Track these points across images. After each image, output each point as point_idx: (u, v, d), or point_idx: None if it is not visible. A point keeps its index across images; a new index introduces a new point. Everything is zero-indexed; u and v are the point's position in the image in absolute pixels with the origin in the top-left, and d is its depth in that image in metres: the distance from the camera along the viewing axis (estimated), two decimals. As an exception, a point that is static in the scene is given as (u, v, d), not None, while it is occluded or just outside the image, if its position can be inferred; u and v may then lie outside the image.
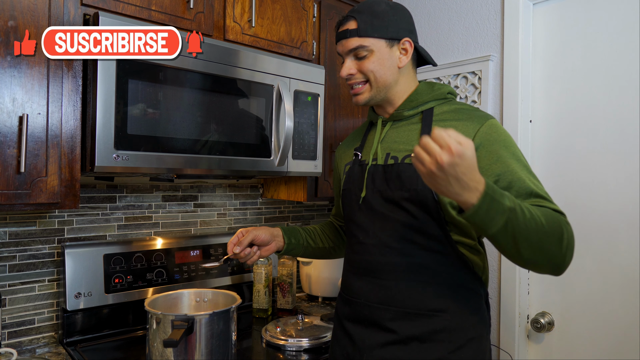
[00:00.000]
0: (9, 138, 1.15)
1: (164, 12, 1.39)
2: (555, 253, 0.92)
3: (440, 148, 0.79)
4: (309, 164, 1.68)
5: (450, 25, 1.98)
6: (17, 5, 1.16)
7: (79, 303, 1.50)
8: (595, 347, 1.57)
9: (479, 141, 1.02)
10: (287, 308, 1.91)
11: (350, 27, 1.11)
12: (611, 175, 1.55)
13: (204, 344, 1.24)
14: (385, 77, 1.12)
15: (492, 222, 0.86)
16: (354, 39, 1.10)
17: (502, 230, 0.87)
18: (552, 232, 0.91)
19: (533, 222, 0.88)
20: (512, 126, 1.73)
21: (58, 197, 1.23)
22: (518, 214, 0.87)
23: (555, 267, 0.94)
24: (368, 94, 1.14)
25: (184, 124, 1.35)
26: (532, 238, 0.88)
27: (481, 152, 1.01)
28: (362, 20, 1.10)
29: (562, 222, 0.94)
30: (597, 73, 1.59)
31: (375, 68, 1.11)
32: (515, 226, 0.87)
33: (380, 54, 1.11)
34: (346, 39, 1.12)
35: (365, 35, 1.10)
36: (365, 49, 1.10)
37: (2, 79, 1.14)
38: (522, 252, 0.90)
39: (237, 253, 1.22)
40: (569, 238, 0.93)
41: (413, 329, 1.06)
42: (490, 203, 0.84)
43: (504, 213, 0.86)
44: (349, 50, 1.12)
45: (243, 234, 1.24)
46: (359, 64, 1.12)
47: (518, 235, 0.88)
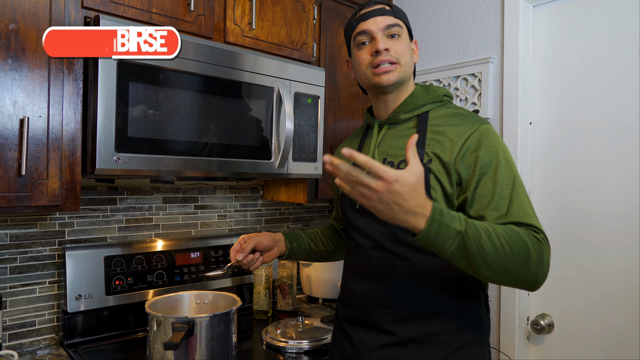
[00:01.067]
0: (10, 141, 1.15)
1: (164, 15, 1.40)
2: (522, 274, 0.91)
3: (374, 176, 0.78)
4: (309, 166, 1.68)
5: (450, 27, 1.98)
6: (18, 8, 1.16)
7: (80, 305, 1.50)
8: (595, 349, 1.57)
9: (469, 145, 1.03)
10: (287, 310, 1.91)
11: (385, 7, 1.14)
12: (611, 178, 1.55)
13: (204, 346, 1.24)
14: (410, 63, 1.15)
15: (443, 245, 0.86)
16: (391, 17, 1.12)
17: (456, 253, 0.87)
18: (516, 253, 0.89)
19: (491, 245, 0.87)
20: (512, 128, 1.74)
21: (59, 200, 1.23)
22: (471, 237, 0.86)
23: (527, 285, 0.94)
24: (398, 74, 1.11)
25: (184, 126, 1.36)
26: (490, 260, 0.87)
27: (470, 156, 1.02)
28: (393, 5, 1.15)
29: (530, 242, 0.91)
30: (597, 75, 1.59)
31: (407, 49, 1.13)
32: (469, 249, 0.86)
33: (407, 40, 1.15)
34: (383, 15, 1.12)
35: (400, 18, 1.13)
36: (400, 29, 1.12)
37: (3, 82, 1.14)
38: (482, 273, 0.89)
39: (240, 260, 1.21)
40: (539, 258, 0.91)
41: (412, 331, 1.06)
42: (439, 228, 0.84)
43: (455, 237, 0.85)
44: (386, 26, 1.11)
45: (245, 241, 1.24)
46: (393, 43, 1.11)
47: (474, 258, 0.87)
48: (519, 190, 1.00)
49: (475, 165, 1.01)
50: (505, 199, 0.98)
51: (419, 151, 1.06)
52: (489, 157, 1.01)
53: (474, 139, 1.03)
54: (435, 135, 1.07)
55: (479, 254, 0.87)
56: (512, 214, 0.96)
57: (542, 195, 1.72)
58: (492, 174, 1.00)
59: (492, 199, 0.98)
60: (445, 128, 1.07)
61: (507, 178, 1.00)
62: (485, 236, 0.87)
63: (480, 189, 1.00)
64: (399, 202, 0.80)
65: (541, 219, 1.69)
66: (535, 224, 0.96)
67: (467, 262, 0.88)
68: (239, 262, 1.22)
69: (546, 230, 1.67)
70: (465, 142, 1.03)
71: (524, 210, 0.97)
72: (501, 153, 1.02)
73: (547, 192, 1.71)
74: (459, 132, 1.05)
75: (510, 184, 1.00)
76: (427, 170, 1.04)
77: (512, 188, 0.99)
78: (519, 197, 0.99)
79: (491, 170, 1.00)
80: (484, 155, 1.01)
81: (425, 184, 1.03)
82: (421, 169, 0.81)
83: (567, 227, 1.65)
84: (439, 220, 0.84)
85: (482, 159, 1.01)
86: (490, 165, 1.01)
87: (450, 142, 1.04)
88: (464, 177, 1.02)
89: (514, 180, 1.00)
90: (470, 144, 1.03)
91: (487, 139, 1.03)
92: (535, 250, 0.91)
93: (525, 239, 0.91)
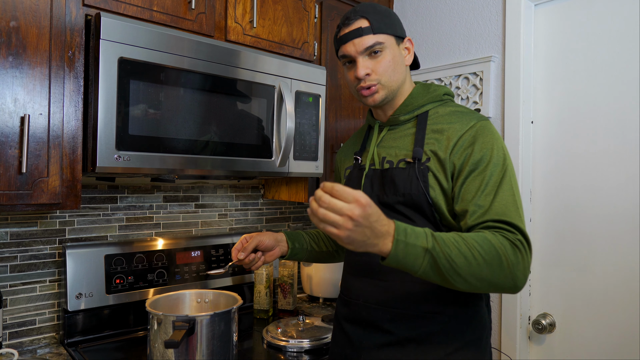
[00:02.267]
0: (11, 138, 1.15)
1: (165, 13, 1.39)
2: (498, 281, 0.90)
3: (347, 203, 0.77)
4: (310, 165, 1.68)
5: (451, 26, 1.98)
6: (19, 6, 1.16)
7: (80, 303, 1.50)
8: (596, 349, 1.57)
9: (463, 141, 1.03)
10: (288, 309, 1.91)
11: (362, 25, 1.09)
12: (612, 177, 1.55)
13: (205, 344, 1.23)
14: (397, 75, 1.12)
15: (414, 265, 0.85)
16: (369, 36, 1.09)
17: (428, 271, 0.87)
18: (489, 262, 0.88)
19: (462, 257, 0.86)
20: (514, 127, 1.73)
21: (59, 198, 1.23)
22: (439, 252, 0.86)
23: (507, 290, 0.93)
24: (383, 93, 1.11)
25: (185, 125, 1.35)
26: (464, 273, 0.87)
27: (463, 152, 1.02)
28: (373, 18, 1.10)
29: (502, 249, 0.90)
30: (599, 74, 1.59)
31: (390, 66, 1.10)
32: (440, 265, 0.86)
33: (392, 51, 1.11)
34: (361, 37, 1.09)
35: (380, 32, 1.09)
36: (381, 45, 1.09)
37: (3, 80, 1.14)
38: (458, 286, 0.89)
39: (242, 259, 1.21)
40: (513, 263, 0.90)
41: (410, 330, 1.06)
42: (405, 248, 0.84)
43: (423, 256, 0.85)
44: (365, 48, 1.09)
45: (247, 240, 1.23)
46: (374, 63, 1.10)
47: (447, 273, 0.87)
48: (505, 187, 0.98)
49: (466, 161, 1.01)
50: (489, 196, 0.97)
51: (417, 150, 1.06)
52: (481, 153, 1.01)
53: (469, 135, 1.03)
54: (434, 134, 1.07)
55: (451, 269, 0.86)
56: (492, 211, 0.96)
57: (543, 194, 1.72)
58: (482, 170, 1.00)
59: (476, 194, 0.98)
60: (444, 126, 1.07)
61: (495, 175, 0.99)
62: (455, 249, 0.87)
63: (467, 184, 1.00)
64: (372, 225, 0.79)
65: (542, 218, 1.71)
66: (515, 222, 0.95)
67: (440, 278, 0.88)
68: (241, 262, 1.22)
69: (547, 230, 1.69)
70: (461, 137, 1.03)
71: (505, 208, 0.96)
72: (495, 150, 1.01)
73: (549, 191, 1.71)
74: (456, 129, 1.05)
75: (497, 181, 0.99)
76: (425, 169, 1.05)
77: (499, 185, 0.98)
78: (504, 194, 0.97)
79: (481, 167, 1.00)
80: (476, 152, 1.01)
81: (424, 182, 1.03)
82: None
83: (568, 226, 1.65)
84: (403, 241, 0.84)
85: (474, 155, 1.01)
86: (481, 162, 1.00)
87: (447, 139, 1.04)
88: (456, 171, 1.02)
89: (503, 177, 0.99)
90: (465, 139, 1.03)
91: (482, 135, 1.03)
92: (508, 256, 0.90)
93: (496, 246, 0.90)
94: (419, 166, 1.05)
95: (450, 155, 1.03)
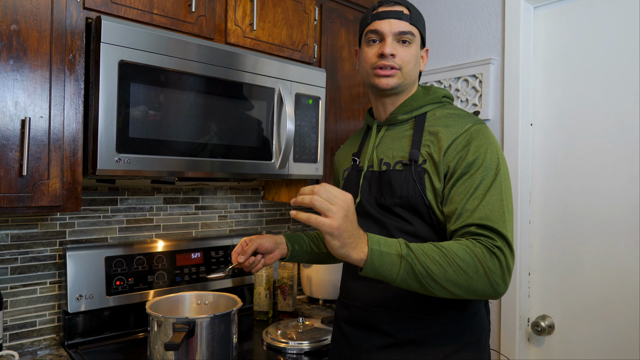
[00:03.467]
0: (12, 141, 1.16)
1: (165, 16, 1.40)
2: (477, 287, 0.92)
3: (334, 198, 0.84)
4: (309, 167, 1.68)
5: (451, 29, 1.98)
6: (20, 9, 1.16)
7: (80, 305, 1.51)
8: (595, 350, 1.57)
9: (457, 144, 1.03)
10: (287, 310, 1.91)
11: (404, 11, 1.12)
12: (612, 179, 1.55)
13: (205, 346, 1.24)
14: (414, 72, 1.14)
15: (391, 273, 0.89)
16: (407, 23, 1.10)
17: (406, 278, 0.89)
18: (464, 269, 0.90)
19: (436, 264, 0.89)
20: (513, 130, 1.74)
21: (60, 200, 1.23)
22: (414, 258, 0.89)
23: (487, 296, 0.95)
24: (397, 80, 1.11)
25: (185, 127, 1.36)
26: (440, 279, 0.89)
27: (456, 155, 1.02)
28: (413, 10, 1.12)
29: (477, 255, 0.91)
30: (598, 76, 1.59)
31: (412, 59, 1.12)
32: (417, 271, 0.89)
33: (417, 48, 1.14)
34: (399, 20, 1.10)
35: (416, 25, 1.11)
36: (412, 37, 1.11)
37: (4, 82, 1.14)
38: (436, 293, 0.92)
39: (242, 262, 1.21)
40: (490, 269, 0.91)
41: (409, 332, 1.06)
42: (380, 256, 0.88)
43: (400, 263, 0.88)
44: (399, 32, 1.10)
45: (247, 243, 1.23)
46: (400, 50, 1.10)
47: (424, 280, 0.90)
48: (494, 192, 0.98)
49: (459, 164, 1.01)
50: (477, 200, 0.97)
51: (414, 152, 1.07)
52: (474, 156, 1.01)
53: (463, 138, 1.03)
54: (430, 136, 1.07)
55: (427, 276, 0.89)
56: (475, 215, 0.96)
57: (543, 196, 1.72)
58: (472, 173, 0.99)
59: (464, 197, 0.98)
60: (440, 128, 1.07)
61: (486, 179, 0.99)
62: (430, 256, 0.89)
63: (457, 187, 1.00)
64: (354, 224, 0.87)
65: (541, 220, 1.71)
66: (498, 227, 0.95)
67: (419, 285, 0.90)
68: (241, 265, 1.22)
69: (546, 232, 1.69)
70: (455, 140, 1.03)
71: (490, 213, 0.96)
72: (488, 154, 1.01)
73: (548, 194, 1.71)
74: (451, 131, 1.05)
75: (487, 185, 0.98)
76: (422, 170, 1.05)
77: (488, 190, 0.98)
78: (491, 198, 0.97)
79: (472, 170, 1.00)
80: (469, 155, 1.01)
81: (420, 184, 1.04)
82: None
83: (567, 228, 1.65)
84: (377, 249, 0.88)
85: (467, 158, 1.01)
86: (473, 165, 1.00)
87: (442, 141, 1.04)
88: (449, 173, 1.03)
89: (494, 182, 0.99)
90: (459, 142, 1.03)
91: (476, 138, 1.02)
92: (485, 263, 0.91)
93: (473, 253, 0.91)
94: (415, 168, 1.05)
95: (444, 157, 1.03)
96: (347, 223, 0.85)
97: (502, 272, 0.93)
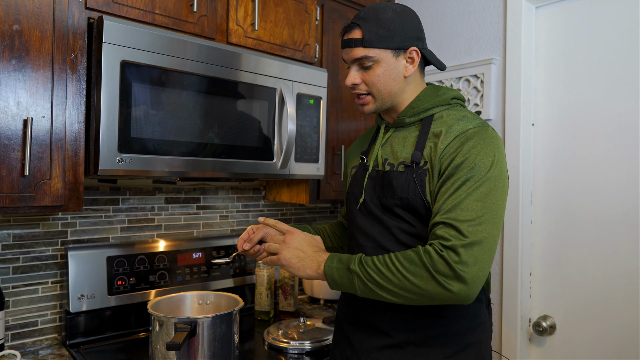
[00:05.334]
0: (14, 141, 1.16)
1: (167, 16, 1.40)
2: (428, 289, 0.94)
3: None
4: (311, 167, 1.68)
5: (452, 28, 1.98)
6: (22, 9, 1.16)
7: (82, 305, 1.51)
8: (597, 351, 1.57)
9: (452, 146, 1.02)
10: (289, 310, 1.91)
11: (355, 36, 1.08)
12: (613, 179, 1.55)
13: (206, 346, 1.24)
14: (390, 87, 1.10)
15: (352, 286, 1.00)
16: (359, 49, 1.08)
17: (364, 290, 0.99)
18: (412, 270, 0.95)
19: (383, 274, 0.97)
20: (514, 130, 1.73)
21: (62, 200, 1.23)
22: (362, 271, 0.98)
23: (446, 299, 0.94)
24: (373, 105, 1.13)
25: (187, 127, 1.36)
26: (391, 286, 0.96)
27: (449, 157, 1.01)
28: (367, 29, 1.07)
29: (426, 258, 0.93)
30: (600, 76, 1.59)
31: (380, 79, 1.09)
32: (367, 282, 0.98)
33: (386, 65, 1.08)
34: (350, 49, 1.09)
35: (370, 46, 1.07)
36: (370, 59, 1.07)
37: (7, 82, 1.15)
38: (393, 299, 0.98)
39: (247, 250, 1.21)
40: (437, 273, 0.92)
41: (409, 333, 1.06)
42: (338, 271, 1.01)
43: (349, 275, 1.00)
44: (354, 59, 1.09)
45: (254, 231, 1.23)
46: (364, 75, 1.10)
47: (377, 289, 0.97)
48: (476, 195, 0.96)
49: (450, 164, 1.00)
50: (454, 200, 0.96)
51: (416, 154, 1.06)
52: (463, 157, 0.99)
53: (458, 140, 1.02)
54: (434, 137, 1.07)
55: (376, 285, 0.97)
56: (447, 215, 0.96)
57: (544, 196, 1.72)
58: (457, 175, 0.98)
59: (443, 197, 0.98)
60: (443, 129, 1.06)
61: (469, 181, 0.97)
62: (376, 268, 0.97)
63: (443, 187, 1.00)
64: (302, 248, 1.07)
65: (543, 220, 1.71)
66: (460, 227, 0.93)
67: (376, 294, 0.98)
68: (246, 252, 1.21)
69: (547, 232, 1.69)
70: (451, 142, 1.02)
71: (460, 213, 0.94)
72: (480, 156, 0.99)
73: (549, 194, 1.71)
74: (451, 134, 1.04)
75: (469, 187, 0.96)
76: (423, 173, 1.04)
77: (469, 193, 0.96)
78: (469, 200, 0.95)
79: (458, 172, 0.98)
80: (459, 156, 1.00)
81: (421, 187, 1.03)
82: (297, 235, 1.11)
83: (568, 228, 1.65)
84: (330, 265, 1.02)
85: (456, 159, 1.00)
86: (461, 167, 0.98)
87: (441, 143, 1.03)
88: (440, 173, 1.02)
89: (478, 185, 0.96)
90: (454, 144, 1.02)
91: (471, 140, 1.01)
92: (432, 265, 0.93)
93: (416, 258, 0.95)
94: (416, 170, 1.05)
95: (439, 159, 1.03)
96: (291, 252, 1.07)
97: (454, 272, 0.91)
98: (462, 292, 0.92)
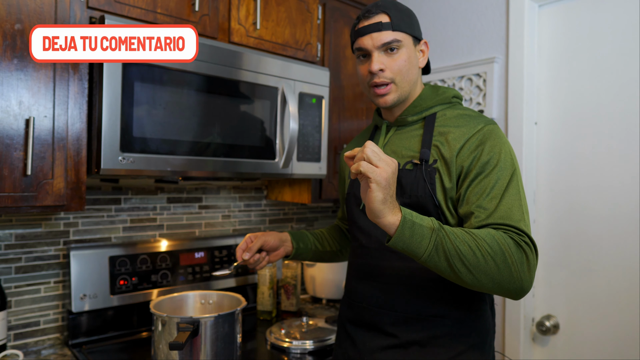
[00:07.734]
0: (16, 141, 1.16)
1: (169, 15, 1.40)
2: (504, 278, 0.89)
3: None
4: (313, 166, 1.68)
5: (455, 27, 1.98)
6: (24, 9, 1.16)
7: (84, 305, 1.51)
8: (600, 350, 1.57)
9: (470, 144, 1.02)
10: (291, 310, 1.91)
11: (383, 19, 1.08)
12: (617, 178, 1.54)
13: (209, 346, 1.24)
14: (411, 75, 1.11)
15: (420, 247, 0.86)
16: (389, 32, 1.07)
17: (434, 255, 0.87)
18: (493, 256, 0.87)
19: (466, 246, 0.87)
20: (517, 128, 1.73)
21: (64, 200, 1.23)
22: (445, 235, 0.87)
23: (512, 292, 0.91)
24: (395, 95, 1.11)
25: (189, 126, 1.36)
26: (468, 262, 0.87)
27: (470, 155, 1.01)
28: (393, 15, 1.08)
29: (507, 245, 0.89)
30: (603, 75, 1.59)
31: (406, 65, 1.09)
32: (447, 249, 0.86)
33: (409, 51, 1.10)
34: (379, 32, 1.07)
35: (399, 30, 1.08)
36: (398, 43, 1.08)
37: (9, 82, 1.14)
38: (462, 278, 0.88)
39: (247, 259, 1.20)
40: (519, 261, 0.89)
41: (413, 333, 1.06)
42: (412, 227, 0.86)
43: (430, 237, 0.86)
44: (382, 44, 1.08)
45: (252, 240, 1.22)
46: (389, 60, 1.09)
47: (452, 259, 0.87)
48: (512, 191, 0.97)
49: (474, 164, 1.00)
50: (495, 199, 0.96)
51: (425, 152, 1.06)
52: (488, 156, 1.00)
53: (477, 138, 1.02)
54: (441, 136, 1.06)
55: (456, 255, 0.86)
56: (496, 214, 0.95)
57: (547, 195, 1.72)
58: (488, 173, 0.99)
59: (482, 197, 0.97)
60: (451, 129, 1.06)
61: (502, 179, 0.98)
62: (460, 238, 0.88)
63: (473, 187, 0.99)
64: (393, 188, 0.85)
65: (546, 219, 1.70)
66: (520, 226, 0.93)
67: (446, 264, 0.87)
68: (245, 262, 1.21)
69: (551, 231, 1.69)
70: (468, 140, 1.02)
71: (510, 212, 0.95)
72: (503, 154, 1.00)
73: (553, 193, 1.70)
74: (463, 132, 1.04)
75: (504, 185, 0.97)
76: (433, 170, 1.04)
77: (506, 189, 0.97)
78: (510, 198, 0.96)
79: (488, 170, 0.99)
80: (484, 155, 1.00)
81: (431, 184, 1.03)
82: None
83: (572, 227, 1.65)
84: (410, 219, 0.86)
85: (482, 158, 1.00)
86: (489, 165, 0.99)
87: (454, 142, 1.04)
88: (463, 174, 1.02)
89: (510, 181, 0.98)
90: (472, 142, 1.02)
91: (490, 138, 1.02)
92: (512, 254, 0.89)
93: (500, 242, 0.89)
94: (426, 168, 1.05)
95: (457, 158, 1.02)
96: (393, 179, 0.85)
97: (529, 267, 0.91)
98: (527, 289, 0.92)
